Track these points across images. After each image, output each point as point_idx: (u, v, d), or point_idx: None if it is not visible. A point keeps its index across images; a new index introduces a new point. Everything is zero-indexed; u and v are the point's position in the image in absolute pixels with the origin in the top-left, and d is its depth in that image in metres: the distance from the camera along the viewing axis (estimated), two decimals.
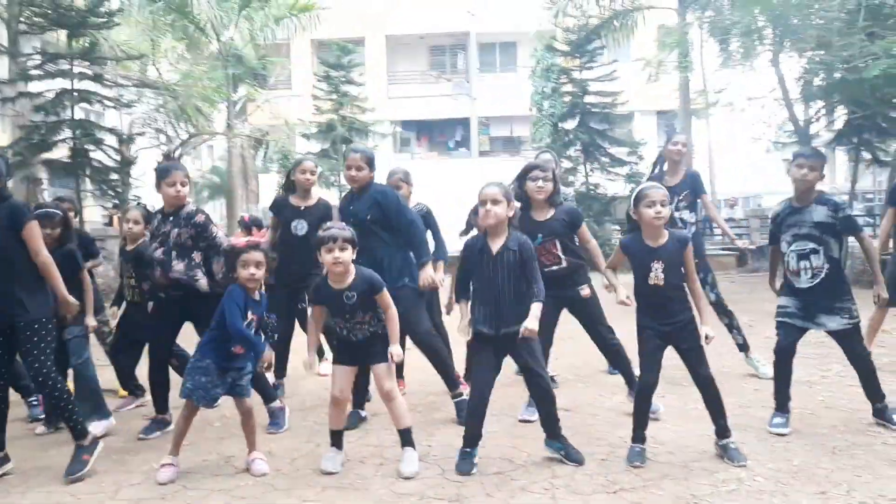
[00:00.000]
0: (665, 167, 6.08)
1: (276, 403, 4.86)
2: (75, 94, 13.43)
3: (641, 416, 3.99)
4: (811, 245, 4.33)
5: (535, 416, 4.47)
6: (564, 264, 4.66)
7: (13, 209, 3.93)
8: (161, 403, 4.79)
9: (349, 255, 3.81)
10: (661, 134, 28.63)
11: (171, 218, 4.64)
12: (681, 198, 5.86)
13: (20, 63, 13.51)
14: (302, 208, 5.52)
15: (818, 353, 6.19)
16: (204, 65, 18.98)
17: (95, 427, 4.69)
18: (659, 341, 3.96)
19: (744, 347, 5.98)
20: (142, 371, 5.14)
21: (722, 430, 3.99)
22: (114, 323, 5.65)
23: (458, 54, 29.34)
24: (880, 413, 4.45)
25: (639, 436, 3.99)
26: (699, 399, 4.05)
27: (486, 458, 4.03)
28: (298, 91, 24.54)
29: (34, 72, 13.45)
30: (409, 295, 4.71)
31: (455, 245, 4.93)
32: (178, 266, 4.56)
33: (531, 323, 3.78)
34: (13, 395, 4.76)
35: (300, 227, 5.44)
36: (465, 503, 3.50)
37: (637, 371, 4.26)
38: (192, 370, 3.94)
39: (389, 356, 3.92)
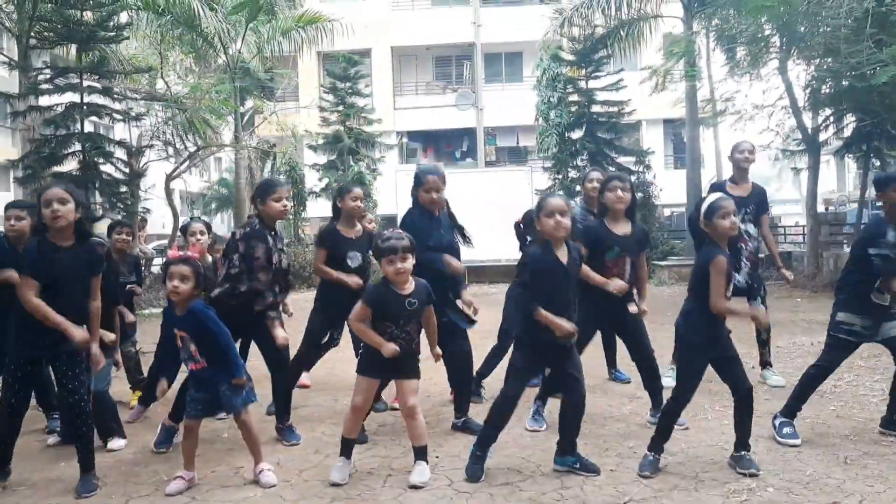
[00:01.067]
0: (731, 176, 5.85)
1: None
2: (85, 107, 13.53)
3: (667, 428, 3.97)
4: None
5: (543, 427, 4.46)
6: (626, 282, 4.64)
7: (96, 256, 4.05)
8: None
9: (410, 263, 3.83)
10: (668, 143, 28.63)
11: (274, 233, 4.64)
12: (748, 210, 5.63)
13: (30, 77, 13.62)
14: (353, 239, 5.17)
15: None
16: (212, 77, 19.07)
17: (116, 442, 4.73)
18: (706, 360, 3.92)
19: (766, 365, 5.94)
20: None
21: (742, 443, 3.95)
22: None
23: (464, 65, 29.37)
24: None
25: (656, 445, 3.97)
26: (710, 409, 4.03)
27: (494, 469, 4.02)
28: (305, 103, 24.62)
29: (44, 86, 13.56)
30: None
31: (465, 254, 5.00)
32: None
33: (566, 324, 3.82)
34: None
35: (355, 259, 5.13)
36: None
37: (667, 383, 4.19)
38: (187, 388, 3.95)
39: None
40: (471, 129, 26.46)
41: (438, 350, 4.10)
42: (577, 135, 19.26)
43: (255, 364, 4.91)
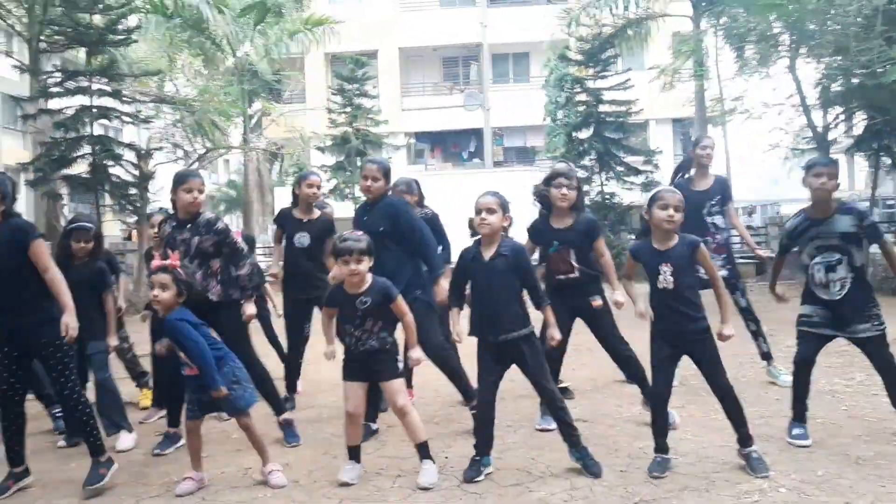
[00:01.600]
0: (693, 172, 5.97)
1: (286, 415, 4.85)
2: (94, 110, 13.62)
3: (658, 425, 3.97)
4: (837, 256, 4.20)
5: (553, 426, 4.44)
6: (576, 274, 4.66)
7: (18, 228, 3.91)
8: (174, 417, 4.77)
9: (366, 265, 3.82)
10: (677, 142, 28.54)
11: (189, 225, 4.63)
12: (713, 203, 5.77)
13: (41, 80, 13.72)
14: (304, 221, 5.54)
15: (841, 361, 6.12)
16: (220, 80, 19.16)
17: (124, 440, 4.77)
18: (671, 350, 3.94)
19: (767, 356, 5.88)
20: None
21: (744, 439, 3.93)
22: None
23: (471, 65, 29.38)
24: None
25: (660, 445, 3.96)
26: (721, 409, 4.01)
27: (503, 470, 4.01)
28: (313, 104, 24.65)
29: (54, 89, 13.66)
30: (421, 308, 4.62)
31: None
32: (197, 275, 4.56)
33: (552, 331, 3.96)
34: (36, 408, 4.81)
35: (302, 239, 5.48)
36: None
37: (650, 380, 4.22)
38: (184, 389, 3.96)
39: (401, 366, 3.95)
40: (478, 129, 26.51)
41: (416, 354, 3.98)
42: (584, 134, 19.22)
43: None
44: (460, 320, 4.08)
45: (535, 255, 4.85)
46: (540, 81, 22.25)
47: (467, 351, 4.37)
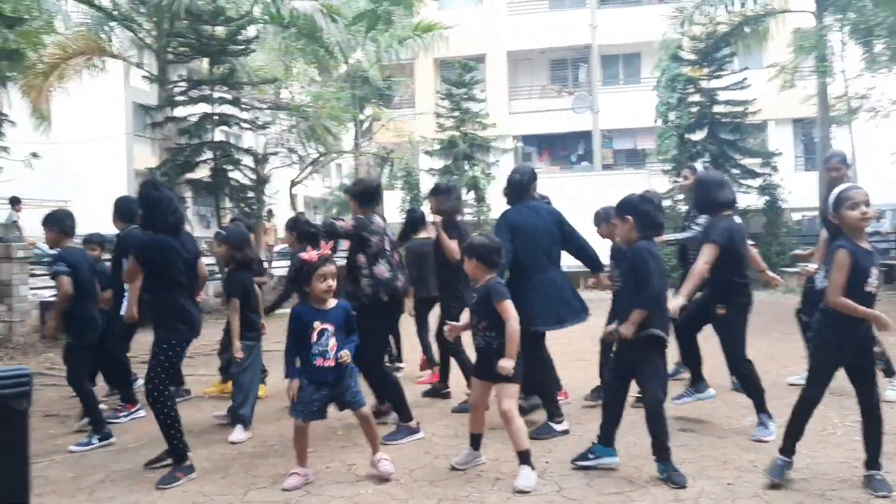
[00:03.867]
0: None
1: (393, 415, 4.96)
2: (216, 117, 14.33)
3: (795, 427, 3.80)
4: None
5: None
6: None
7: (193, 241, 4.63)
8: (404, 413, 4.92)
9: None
10: (798, 143, 27.18)
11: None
12: None
13: (167, 90, 14.55)
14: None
15: None
16: (332, 86, 19.73)
17: (238, 434, 4.98)
18: (840, 358, 3.75)
19: (889, 373, 5.59)
20: None
21: (873, 461, 3.70)
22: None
23: (580, 67, 28.98)
24: None
25: (787, 448, 3.81)
26: (839, 424, 3.79)
27: (605, 478, 3.95)
28: (422, 109, 25.01)
29: (179, 98, 14.45)
30: None
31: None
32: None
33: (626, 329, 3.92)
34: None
35: None
36: None
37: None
38: (299, 389, 4.04)
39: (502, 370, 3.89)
40: (587, 132, 26.11)
41: (507, 364, 3.87)
42: (698, 136, 18.60)
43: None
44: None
45: None
46: (651, 83, 21.66)
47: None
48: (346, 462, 4.42)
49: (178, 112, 14.79)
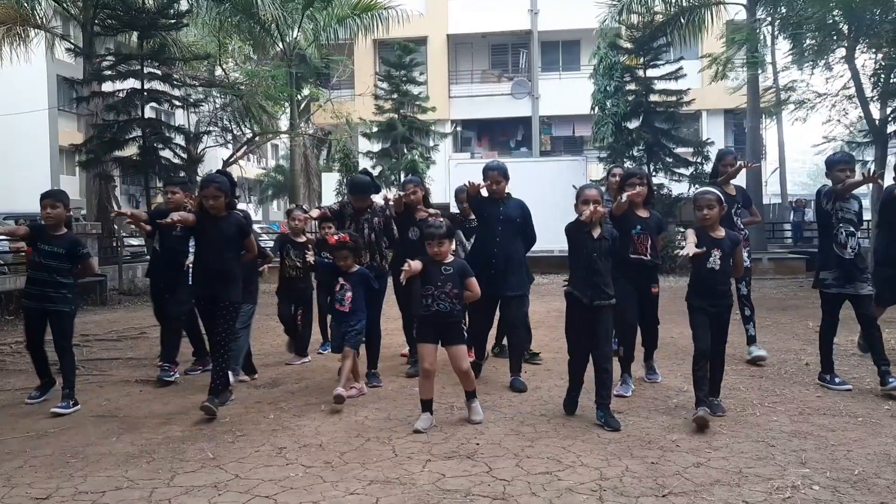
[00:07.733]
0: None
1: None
2: (145, 93, 13.88)
3: (699, 381, 4.62)
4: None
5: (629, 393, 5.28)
6: (647, 258, 5.46)
7: (244, 219, 5.37)
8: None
9: (447, 247, 4.73)
10: (729, 133, 27.95)
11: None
12: (738, 205, 6.58)
13: (94, 64, 14.03)
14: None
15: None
16: (268, 65, 19.37)
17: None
18: (706, 318, 4.71)
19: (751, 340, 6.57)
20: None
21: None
22: None
23: (521, 53, 29.14)
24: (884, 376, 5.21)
25: (701, 400, 4.55)
26: (759, 405, 3.93)
27: (533, 458, 4.00)
28: (360, 91, 24.76)
29: (107, 72, 13.96)
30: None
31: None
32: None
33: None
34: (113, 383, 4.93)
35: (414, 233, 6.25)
36: (510, 501, 3.47)
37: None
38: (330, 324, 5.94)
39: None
40: (526, 118, 26.34)
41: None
42: (633, 125, 18.92)
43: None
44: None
45: None
46: (590, 70, 21.92)
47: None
48: (276, 445, 4.37)
49: (106, 87, 14.30)
